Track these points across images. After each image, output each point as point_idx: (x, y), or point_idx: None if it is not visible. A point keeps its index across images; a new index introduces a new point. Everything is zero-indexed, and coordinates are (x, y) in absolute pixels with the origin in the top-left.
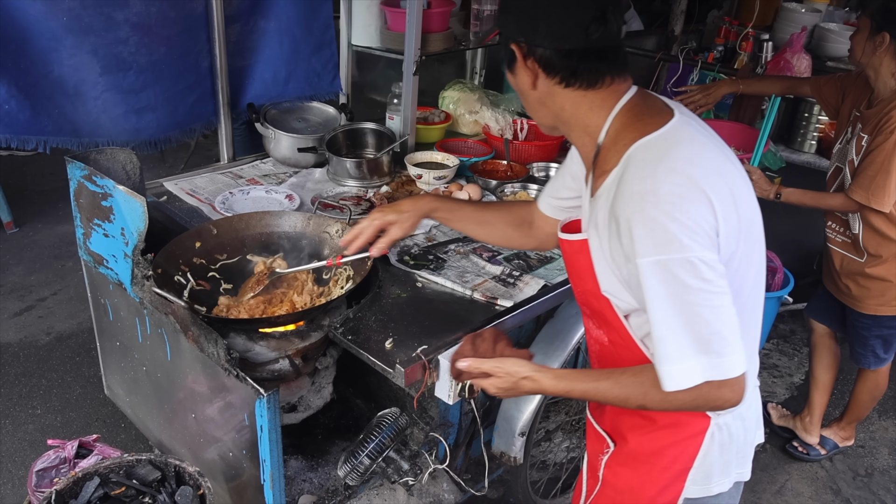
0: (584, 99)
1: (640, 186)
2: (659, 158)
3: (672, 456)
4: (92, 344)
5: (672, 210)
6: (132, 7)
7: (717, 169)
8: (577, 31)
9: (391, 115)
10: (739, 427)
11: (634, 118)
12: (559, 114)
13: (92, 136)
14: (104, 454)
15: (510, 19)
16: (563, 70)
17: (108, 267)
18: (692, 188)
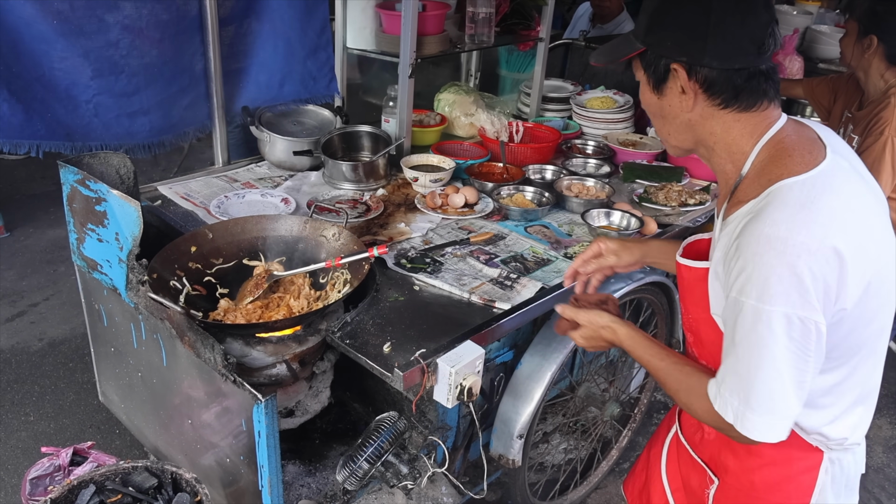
0: (738, 123)
1: (772, 230)
2: (802, 206)
3: (787, 492)
4: (85, 349)
5: (797, 263)
6: (123, 9)
7: (862, 223)
8: (751, 49)
9: (387, 118)
10: (851, 461)
11: (784, 152)
12: (706, 138)
13: (85, 139)
14: (99, 461)
15: (667, 37)
16: (727, 91)
17: (102, 272)
18: (825, 246)
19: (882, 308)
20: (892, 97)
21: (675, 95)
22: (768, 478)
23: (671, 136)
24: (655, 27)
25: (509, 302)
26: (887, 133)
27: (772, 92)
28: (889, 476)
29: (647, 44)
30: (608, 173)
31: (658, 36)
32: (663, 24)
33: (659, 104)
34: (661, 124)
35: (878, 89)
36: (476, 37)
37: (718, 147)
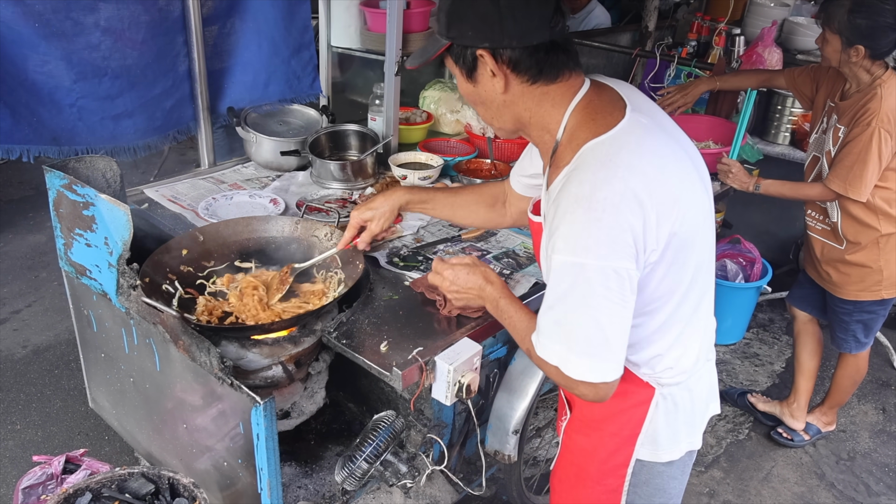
0: (546, 96)
1: (577, 189)
2: (602, 164)
3: (620, 423)
4: (71, 356)
5: (601, 217)
6: (105, 11)
7: (661, 175)
8: (542, 26)
9: (373, 117)
10: (686, 398)
11: (588, 116)
12: (522, 115)
13: (70, 143)
14: (93, 469)
15: (466, 27)
16: (532, 67)
17: (91, 277)
18: (626, 198)
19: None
20: (878, 88)
21: (487, 80)
22: (605, 409)
23: (494, 120)
24: (454, 21)
25: None
26: (874, 124)
27: (571, 62)
28: (876, 461)
29: (450, 38)
30: None
31: (458, 29)
32: (461, 17)
33: (476, 91)
34: (482, 111)
35: (864, 81)
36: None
37: (534, 121)
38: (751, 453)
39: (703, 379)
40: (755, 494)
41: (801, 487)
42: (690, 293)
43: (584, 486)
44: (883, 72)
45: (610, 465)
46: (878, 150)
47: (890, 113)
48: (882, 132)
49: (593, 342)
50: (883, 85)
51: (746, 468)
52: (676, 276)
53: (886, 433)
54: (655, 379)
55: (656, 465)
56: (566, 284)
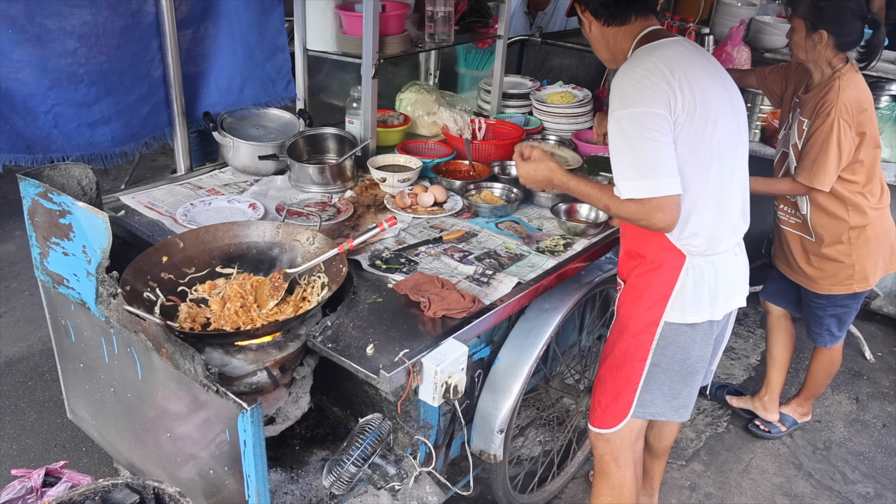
0: (620, 32)
1: (626, 65)
2: (647, 52)
3: (656, 286)
4: (45, 367)
5: (640, 79)
6: (79, 17)
7: (689, 64)
8: None
9: (351, 119)
10: (710, 272)
11: (646, 40)
12: (611, 49)
13: (45, 151)
14: (73, 481)
15: None
16: (604, 14)
17: (69, 286)
18: (658, 71)
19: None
20: (836, 80)
21: (586, 24)
22: (647, 275)
23: (600, 54)
24: None
25: (487, 298)
26: (833, 114)
27: (638, 10)
28: (851, 450)
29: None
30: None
31: None
32: None
33: (588, 34)
34: (595, 48)
35: (825, 75)
36: (436, 35)
37: (616, 52)
38: (730, 446)
39: (730, 264)
40: (735, 486)
41: (779, 478)
42: (715, 172)
43: (621, 339)
44: (843, 65)
45: (645, 320)
46: (837, 141)
47: (848, 103)
48: (841, 122)
49: (658, 163)
50: (841, 77)
51: (726, 461)
52: (700, 147)
53: (860, 422)
54: (685, 245)
55: (681, 326)
56: (625, 130)
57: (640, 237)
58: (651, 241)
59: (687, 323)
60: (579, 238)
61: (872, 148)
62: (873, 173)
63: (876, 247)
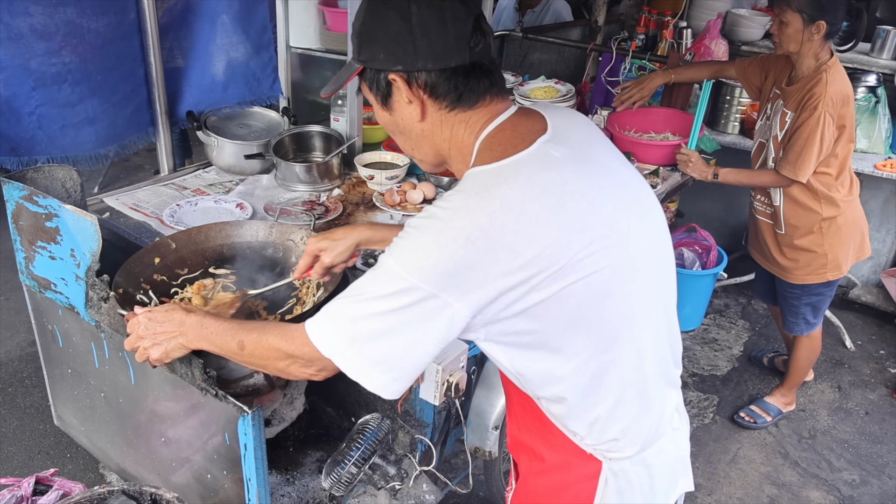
0: (462, 124)
1: (438, 210)
2: (476, 193)
3: (567, 499)
4: (25, 372)
5: (449, 246)
6: (62, 16)
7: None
8: (460, 46)
9: (336, 117)
10: (643, 474)
11: (495, 143)
12: (441, 146)
13: (30, 153)
14: (65, 489)
15: (378, 49)
16: (450, 92)
17: (56, 291)
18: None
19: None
20: (823, 73)
21: (403, 107)
22: (551, 483)
23: (416, 151)
24: (365, 43)
25: None
26: (821, 108)
27: (495, 86)
28: (836, 437)
29: (362, 61)
30: None
31: (369, 51)
32: (372, 38)
33: (393, 120)
34: (402, 141)
35: (810, 67)
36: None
37: (453, 152)
38: (717, 437)
39: (666, 452)
40: (724, 476)
41: (766, 467)
42: (621, 348)
43: None
44: (828, 57)
45: None
46: (821, 134)
47: (834, 97)
48: (827, 116)
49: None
50: (828, 70)
51: (714, 451)
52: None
53: (843, 410)
54: (601, 452)
55: None
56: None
57: (533, 425)
58: (548, 438)
59: None
60: None
61: (847, 142)
62: (845, 166)
63: (847, 235)
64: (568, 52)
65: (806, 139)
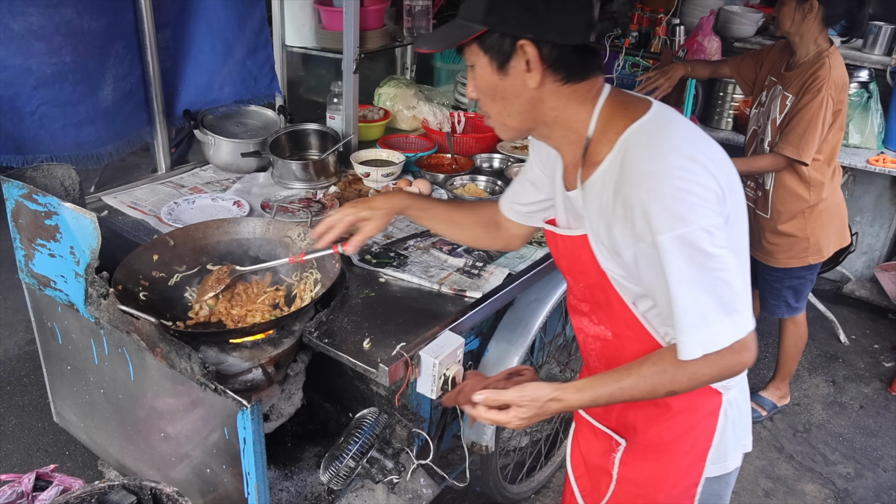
0: (574, 94)
1: (648, 165)
2: (660, 137)
3: (692, 439)
4: (23, 371)
5: (685, 184)
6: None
7: (706, 142)
8: (583, 27)
9: (332, 115)
10: (744, 399)
11: (619, 107)
12: (546, 114)
13: (34, 152)
14: (65, 484)
15: (512, 13)
16: (568, 66)
17: (55, 288)
18: (696, 161)
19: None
20: (826, 59)
21: (520, 74)
22: (675, 428)
23: (510, 118)
24: (497, 6)
25: (480, 290)
26: (824, 91)
27: (598, 66)
28: (830, 431)
29: (488, 24)
30: None
31: (500, 14)
32: (507, 3)
33: (501, 84)
34: (500, 106)
35: (811, 52)
36: (414, 30)
37: (559, 121)
38: None
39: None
40: None
41: (762, 461)
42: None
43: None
44: (828, 46)
45: (681, 487)
46: (823, 116)
47: (837, 81)
48: (829, 99)
49: (732, 298)
50: (830, 56)
51: None
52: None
53: (838, 404)
54: (725, 384)
55: (722, 476)
56: (682, 260)
57: None
58: None
59: (728, 472)
60: None
61: (838, 130)
62: (834, 154)
63: (829, 220)
64: None
65: (809, 120)
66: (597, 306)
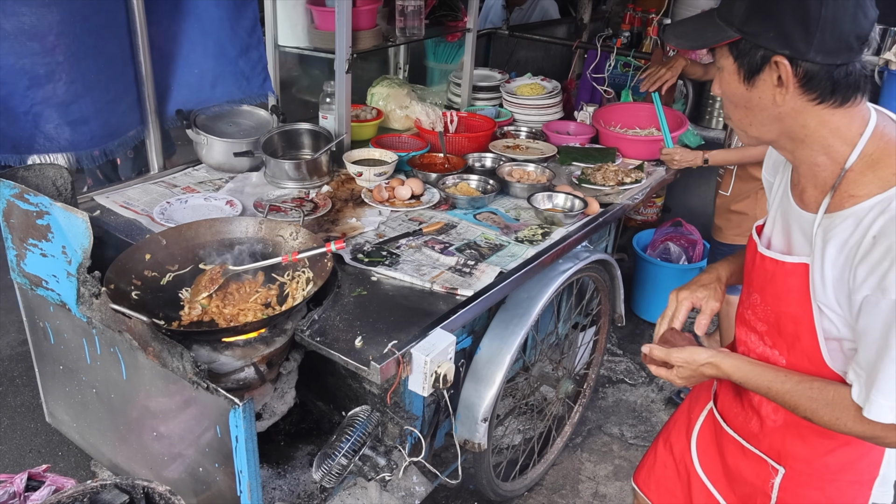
0: (833, 117)
1: None
2: None
3: (859, 469)
4: (15, 371)
5: None
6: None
7: None
8: (855, 45)
9: (325, 115)
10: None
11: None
12: (795, 131)
13: (30, 151)
14: (57, 484)
15: (770, 27)
16: (826, 87)
17: (47, 288)
18: None
19: None
20: None
21: (768, 88)
22: (842, 458)
23: (752, 127)
24: (757, 16)
25: (471, 288)
26: None
27: (865, 87)
28: None
29: (744, 33)
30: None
31: (760, 26)
32: (767, 13)
33: (747, 95)
34: (742, 114)
35: None
36: (407, 30)
37: (810, 140)
38: None
39: None
40: None
41: None
42: None
43: None
44: None
45: None
46: None
47: None
48: None
49: None
50: None
51: None
52: None
53: None
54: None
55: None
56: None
57: None
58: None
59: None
60: (556, 227)
61: None
62: None
63: None
64: (554, 49)
65: None
66: (777, 332)
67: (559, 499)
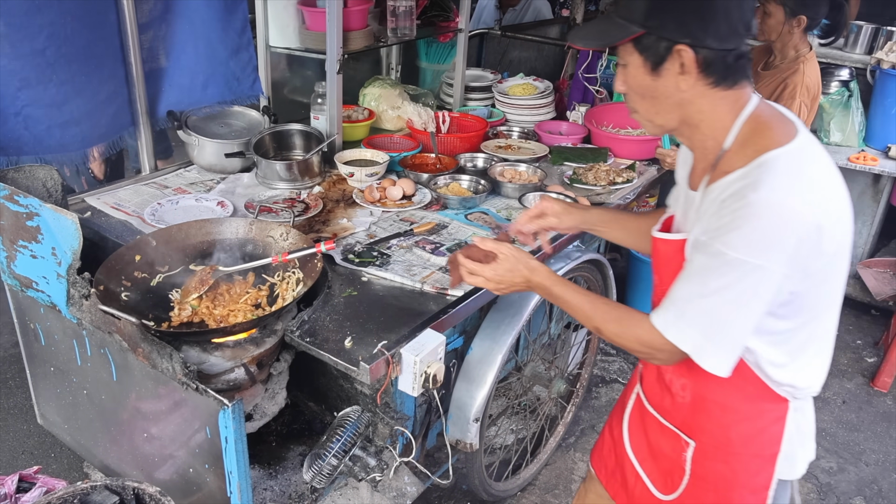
0: (723, 100)
1: (771, 195)
2: (795, 174)
3: (761, 442)
4: (7, 374)
5: (787, 225)
6: (47, 16)
7: (835, 194)
8: (742, 31)
9: (316, 115)
10: (810, 408)
11: (765, 125)
12: (692, 116)
13: (18, 153)
14: (48, 486)
15: (670, 19)
16: (721, 71)
17: (37, 289)
18: (811, 213)
19: (843, 267)
20: (801, 65)
21: (672, 76)
22: (743, 432)
23: (658, 116)
24: (657, 11)
25: (461, 288)
26: (798, 98)
27: (749, 71)
28: None
29: (647, 27)
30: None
31: (660, 19)
32: (666, 8)
33: (653, 85)
34: (648, 104)
35: (788, 56)
36: (398, 30)
37: (704, 124)
38: None
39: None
40: None
41: None
42: (835, 306)
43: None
44: (807, 50)
45: (752, 486)
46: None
47: (809, 87)
48: (803, 106)
49: (738, 340)
50: (805, 62)
51: None
52: (832, 288)
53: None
54: (792, 393)
55: (791, 481)
56: (731, 279)
57: (722, 384)
58: (743, 390)
59: (797, 477)
60: None
61: None
62: None
63: None
64: (546, 49)
65: None
66: None
67: (552, 498)
